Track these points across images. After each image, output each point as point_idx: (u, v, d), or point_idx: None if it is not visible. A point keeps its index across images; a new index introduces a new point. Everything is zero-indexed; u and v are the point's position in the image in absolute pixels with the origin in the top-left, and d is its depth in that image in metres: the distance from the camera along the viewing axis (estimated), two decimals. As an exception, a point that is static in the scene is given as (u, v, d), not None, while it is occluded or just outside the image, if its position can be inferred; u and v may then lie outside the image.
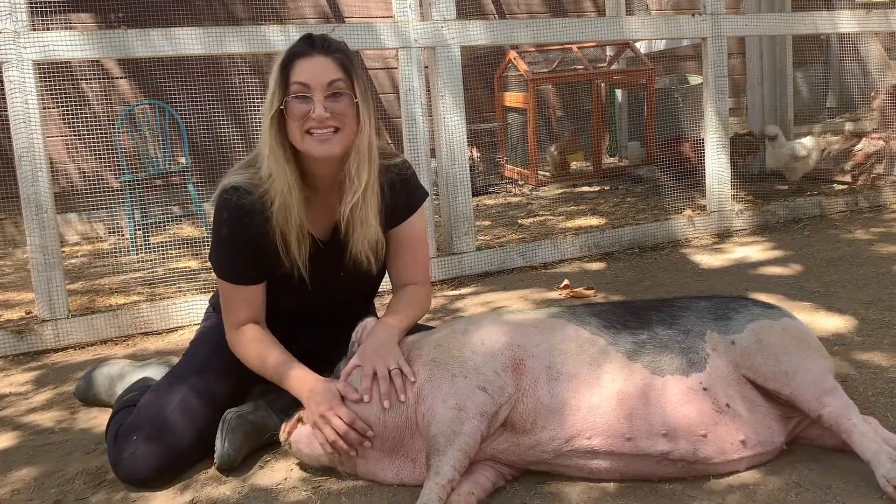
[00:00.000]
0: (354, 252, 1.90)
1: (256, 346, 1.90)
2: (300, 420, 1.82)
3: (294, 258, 1.86)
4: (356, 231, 1.87)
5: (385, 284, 2.13)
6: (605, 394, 1.65)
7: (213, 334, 2.04)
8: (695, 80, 6.34)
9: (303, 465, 1.87)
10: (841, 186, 4.71)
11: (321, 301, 2.01)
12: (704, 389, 1.67)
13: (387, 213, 1.93)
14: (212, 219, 1.94)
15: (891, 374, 2.13)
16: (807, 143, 4.65)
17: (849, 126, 5.43)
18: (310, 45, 1.79)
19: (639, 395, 1.65)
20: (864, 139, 4.72)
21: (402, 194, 1.96)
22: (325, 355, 1.98)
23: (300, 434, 1.80)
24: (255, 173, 1.86)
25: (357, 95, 1.80)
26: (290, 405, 1.96)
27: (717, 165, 4.10)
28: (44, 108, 2.97)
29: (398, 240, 2.00)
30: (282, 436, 1.83)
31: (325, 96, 1.76)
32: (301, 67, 1.76)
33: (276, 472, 1.88)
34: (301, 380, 1.81)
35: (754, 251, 3.71)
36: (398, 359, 1.75)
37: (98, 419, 2.28)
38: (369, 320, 1.91)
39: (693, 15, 4.02)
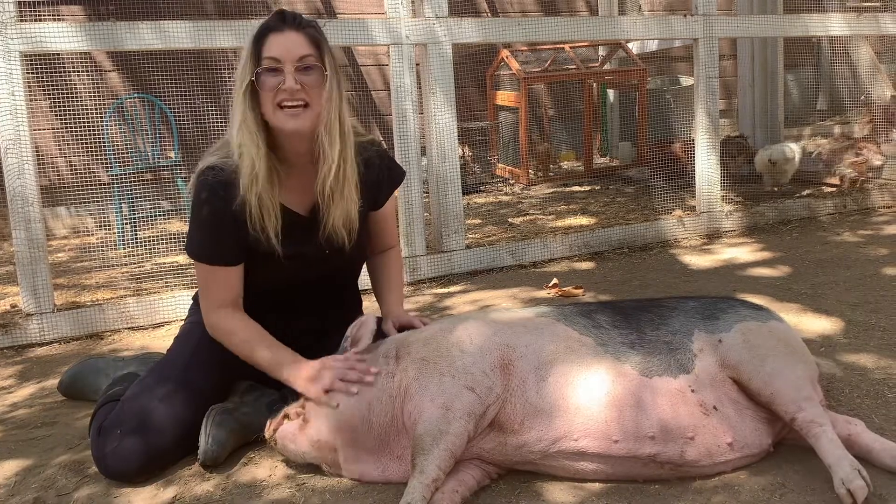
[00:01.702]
0: (329, 228, 1.92)
1: (239, 326, 1.91)
2: (286, 416, 1.81)
3: (266, 229, 1.86)
4: (334, 206, 1.90)
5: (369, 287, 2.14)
6: (594, 395, 1.65)
7: (197, 330, 2.02)
8: (686, 81, 6.35)
9: (287, 462, 1.86)
10: (830, 189, 4.73)
11: (306, 280, 2.01)
12: (692, 391, 1.67)
13: (369, 188, 1.99)
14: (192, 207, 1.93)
15: (876, 375, 2.14)
16: (793, 145, 4.68)
17: (838, 129, 5.45)
18: (282, 19, 1.84)
19: (627, 398, 1.65)
20: (866, 149, 4.70)
21: (383, 172, 2.04)
22: (313, 342, 1.99)
23: (286, 430, 1.79)
24: (228, 150, 1.89)
25: (327, 69, 1.84)
26: (275, 401, 1.96)
27: (706, 167, 4.10)
28: (32, 100, 2.94)
29: (384, 216, 2.12)
30: (267, 432, 1.82)
31: (295, 69, 1.81)
32: (273, 42, 1.82)
33: (261, 469, 1.86)
34: (294, 364, 1.84)
35: (743, 252, 3.72)
36: None
37: (82, 414, 2.26)
38: (368, 317, 1.93)
39: (685, 16, 4.02)
